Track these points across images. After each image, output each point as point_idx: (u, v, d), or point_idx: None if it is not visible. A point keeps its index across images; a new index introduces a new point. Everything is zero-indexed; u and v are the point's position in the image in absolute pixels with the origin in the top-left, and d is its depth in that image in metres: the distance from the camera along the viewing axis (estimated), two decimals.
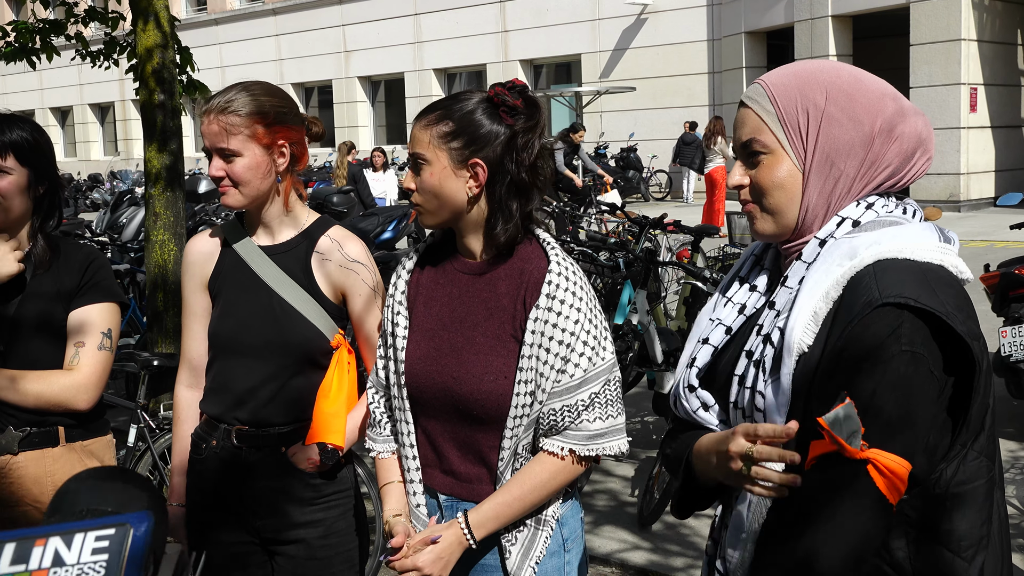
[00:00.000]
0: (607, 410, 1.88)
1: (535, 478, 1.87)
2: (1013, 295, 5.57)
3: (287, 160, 2.20)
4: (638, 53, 23.32)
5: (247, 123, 2.13)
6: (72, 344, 2.38)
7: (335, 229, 2.27)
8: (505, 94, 1.88)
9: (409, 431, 1.96)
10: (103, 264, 2.47)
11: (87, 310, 2.40)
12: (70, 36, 7.35)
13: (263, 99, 2.16)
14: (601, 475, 5.09)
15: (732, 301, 1.60)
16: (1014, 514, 4.45)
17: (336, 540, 2.25)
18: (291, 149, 2.21)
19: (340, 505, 2.26)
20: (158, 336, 5.78)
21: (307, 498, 2.22)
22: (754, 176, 1.49)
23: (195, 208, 10.14)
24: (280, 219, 2.24)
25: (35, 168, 2.35)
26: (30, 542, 1.54)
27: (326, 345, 2.20)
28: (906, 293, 1.31)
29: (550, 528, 1.93)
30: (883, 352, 1.30)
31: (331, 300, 2.21)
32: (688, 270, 5.81)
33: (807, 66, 1.49)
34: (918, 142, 1.46)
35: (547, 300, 1.84)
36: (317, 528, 2.22)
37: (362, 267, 2.22)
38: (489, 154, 1.87)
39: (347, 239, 2.25)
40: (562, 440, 1.87)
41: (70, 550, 1.54)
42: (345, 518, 2.27)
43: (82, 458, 2.42)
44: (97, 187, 26.69)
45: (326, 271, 2.21)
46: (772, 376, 1.41)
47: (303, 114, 2.28)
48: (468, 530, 1.87)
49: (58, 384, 2.35)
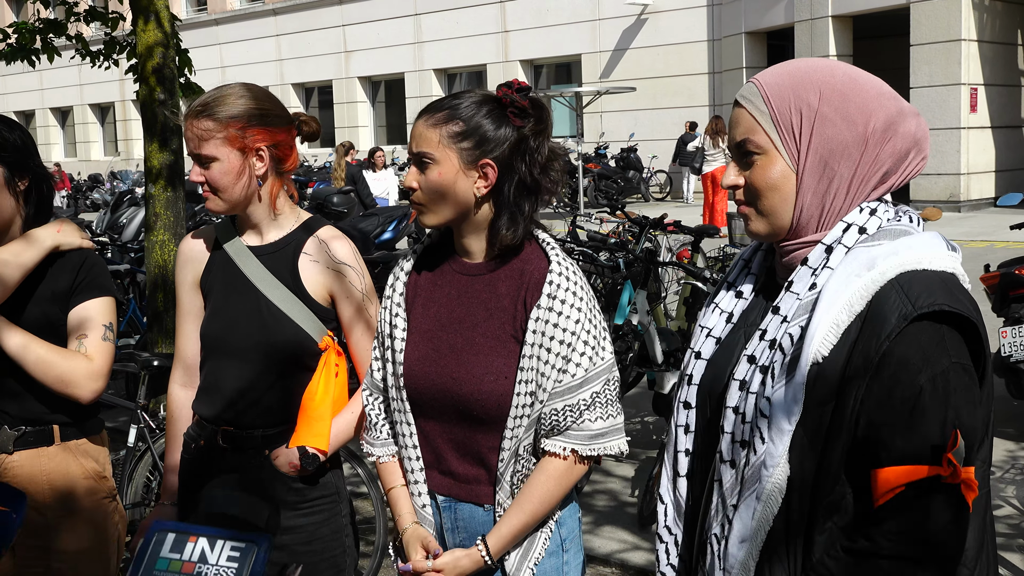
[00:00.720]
0: (607, 409, 1.88)
1: (544, 491, 1.88)
2: (1013, 295, 5.58)
3: (266, 163, 2.16)
4: (638, 53, 23.32)
5: (220, 127, 2.11)
6: (75, 338, 2.36)
7: (324, 229, 2.23)
8: (513, 95, 1.87)
9: (411, 432, 1.95)
10: (96, 261, 2.45)
11: (86, 306, 2.38)
12: (70, 36, 7.35)
13: (238, 102, 2.13)
14: (601, 475, 5.09)
15: (720, 308, 1.61)
16: (1014, 514, 4.45)
17: (320, 546, 2.21)
18: (271, 151, 2.17)
19: (324, 510, 2.22)
20: (158, 336, 5.78)
21: (290, 502, 2.19)
22: (748, 177, 1.49)
23: (195, 208, 10.14)
24: (268, 220, 2.22)
25: (9, 164, 2.31)
26: (185, 537, 1.99)
27: (314, 347, 2.17)
28: (938, 301, 1.33)
29: (549, 529, 1.93)
30: (936, 366, 1.32)
31: (319, 302, 2.19)
32: (688, 270, 5.81)
33: (802, 65, 1.49)
34: (912, 142, 1.45)
35: (548, 300, 1.84)
36: (300, 534, 2.20)
37: (349, 269, 2.19)
38: (499, 155, 1.86)
39: (335, 240, 2.22)
40: (564, 440, 1.87)
41: (212, 551, 1.96)
42: (329, 524, 2.23)
43: (77, 457, 2.41)
44: (97, 187, 26.71)
45: (313, 272, 2.19)
46: (780, 382, 1.40)
47: (292, 114, 2.25)
48: (488, 555, 1.88)
49: (71, 362, 2.32)
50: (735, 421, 1.47)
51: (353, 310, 2.20)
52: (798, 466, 1.38)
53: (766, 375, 1.43)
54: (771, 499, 1.40)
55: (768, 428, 1.40)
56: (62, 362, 2.30)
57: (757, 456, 1.41)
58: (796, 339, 1.41)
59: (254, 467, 2.20)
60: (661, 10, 22.79)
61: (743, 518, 1.44)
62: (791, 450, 1.38)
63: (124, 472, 4.14)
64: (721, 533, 1.49)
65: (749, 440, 1.44)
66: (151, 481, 4.21)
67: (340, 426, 2.20)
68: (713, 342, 1.58)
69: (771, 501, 1.40)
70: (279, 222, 2.23)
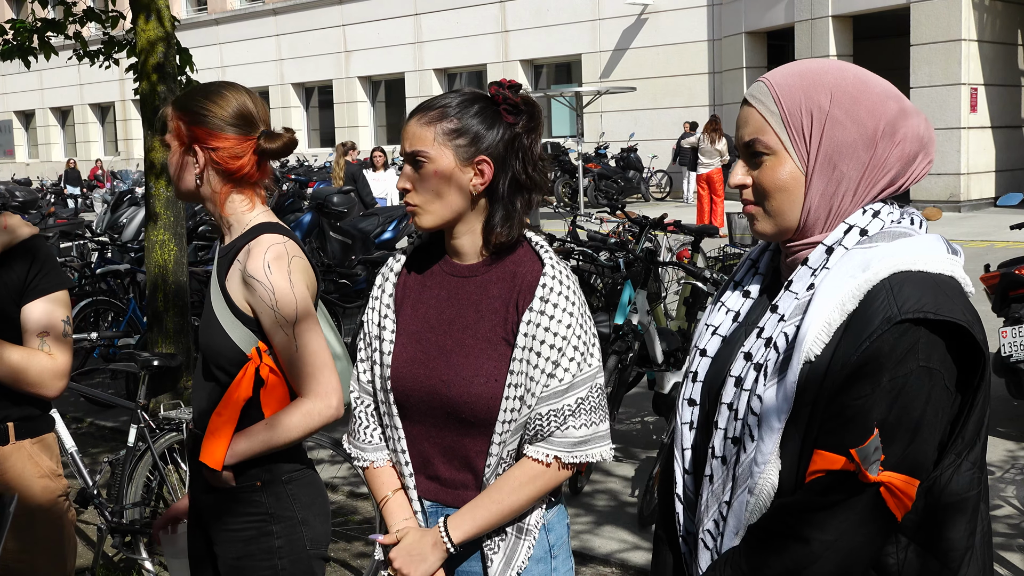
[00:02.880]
0: (591, 416, 1.85)
1: (514, 481, 1.85)
2: (1013, 295, 5.58)
3: (200, 165, 2.17)
4: (638, 53, 23.33)
5: (172, 117, 2.19)
6: (35, 335, 2.37)
7: (257, 240, 2.15)
8: (506, 92, 1.87)
9: (400, 436, 1.92)
10: (48, 253, 2.45)
11: (44, 301, 2.39)
12: (68, 35, 7.35)
13: (194, 99, 2.17)
14: (601, 475, 5.09)
15: (727, 307, 1.61)
16: (1014, 514, 4.45)
17: (249, 563, 2.17)
18: (209, 154, 2.15)
19: (252, 528, 2.17)
20: (158, 336, 5.78)
21: (220, 514, 2.20)
22: (756, 177, 1.49)
23: (195, 208, 10.12)
24: (224, 222, 2.23)
25: None
26: None
27: (242, 356, 2.12)
28: (925, 307, 1.32)
29: (532, 537, 1.90)
30: (901, 368, 1.31)
31: (243, 311, 2.13)
32: (688, 270, 5.81)
33: (812, 66, 1.48)
34: (920, 145, 1.45)
35: (540, 303, 1.82)
36: (231, 547, 2.19)
37: (258, 283, 2.09)
38: (494, 152, 1.85)
39: (254, 251, 2.12)
40: (547, 447, 1.84)
41: None
42: (258, 543, 2.17)
43: (31, 455, 2.41)
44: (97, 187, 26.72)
45: (235, 282, 2.14)
46: (773, 380, 1.41)
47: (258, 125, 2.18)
48: (444, 530, 1.85)
49: (39, 363, 2.35)
50: (728, 417, 1.48)
51: (268, 324, 2.11)
52: (789, 463, 1.39)
53: (760, 373, 1.43)
54: (762, 493, 1.40)
55: (759, 426, 1.41)
56: (32, 365, 2.34)
57: (747, 454, 1.42)
58: (791, 338, 1.41)
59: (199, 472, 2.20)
60: (661, 10, 22.80)
61: (736, 513, 1.45)
62: (783, 446, 1.39)
63: (124, 472, 4.14)
64: (716, 529, 1.49)
65: (740, 437, 1.44)
66: (151, 481, 4.21)
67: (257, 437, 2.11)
68: (719, 340, 1.58)
69: (763, 495, 1.40)
70: (234, 227, 2.22)
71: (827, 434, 1.35)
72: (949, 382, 1.33)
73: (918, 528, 1.38)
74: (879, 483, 1.31)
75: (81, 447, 4.46)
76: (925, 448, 1.33)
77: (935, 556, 1.39)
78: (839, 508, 1.33)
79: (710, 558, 1.50)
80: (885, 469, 1.31)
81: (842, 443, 1.33)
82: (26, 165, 38.97)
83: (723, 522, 1.48)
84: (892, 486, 1.31)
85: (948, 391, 1.33)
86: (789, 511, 1.37)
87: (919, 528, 1.38)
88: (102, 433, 6.34)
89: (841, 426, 1.33)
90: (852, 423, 1.32)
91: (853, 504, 1.32)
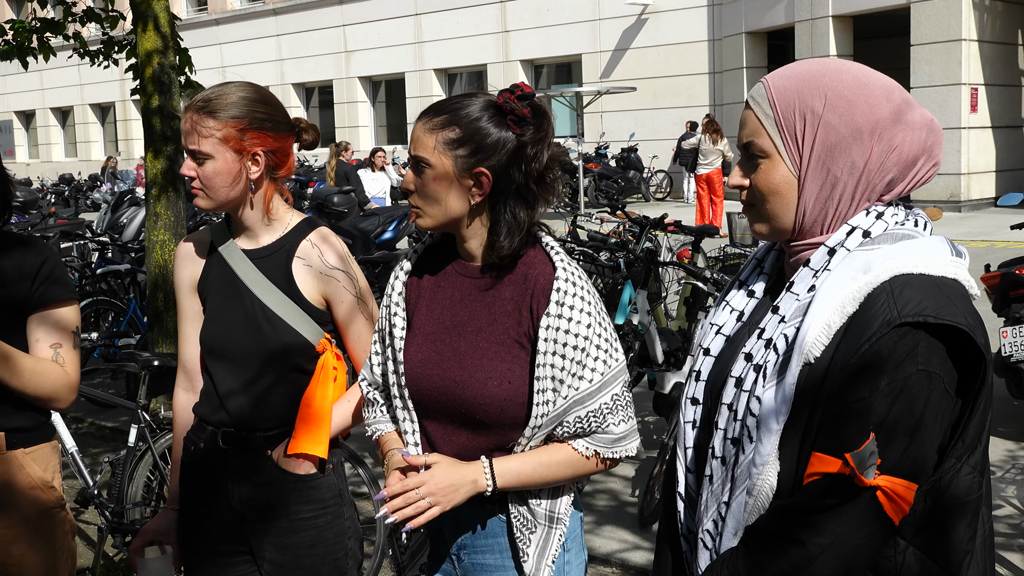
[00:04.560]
0: (627, 412, 1.90)
1: (558, 456, 1.87)
2: (1013, 295, 5.58)
3: (261, 168, 2.14)
4: (639, 53, 23.33)
5: (220, 126, 2.07)
6: (48, 345, 2.33)
7: (316, 233, 2.22)
8: (514, 102, 1.85)
9: (414, 429, 1.95)
10: (57, 261, 2.40)
11: (56, 311, 2.35)
12: (68, 36, 7.35)
13: (242, 104, 2.10)
14: (601, 475, 5.08)
15: (731, 306, 1.61)
16: (1014, 514, 4.45)
17: (323, 549, 2.20)
18: (267, 158, 2.14)
19: (328, 513, 2.22)
20: (158, 336, 5.78)
21: (292, 505, 2.18)
22: (752, 179, 1.49)
23: (195, 208, 10.12)
24: (261, 224, 2.21)
25: None
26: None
27: (311, 350, 2.16)
28: (925, 310, 1.30)
29: (563, 526, 1.93)
30: (900, 371, 1.30)
31: (314, 304, 2.18)
32: (689, 270, 5.81)
33: (811, 68, 1.47)
34: (922, 149, 1.44)
35: (557, 307, 1.83)
36: (304, 535, 2.19)
37: (342, 274, 2.18)
38: (495, 163, 1.85)
39: (327, 244, 2.20)
40: (588, 442, 1.88)
41: None
42: (332, 527, 2.22)
43: (23, 466, 2.35)
44: (97, 187, 26.71)
45: (307, 276, 2.17)
46: (772, 382, 1.40)
47: (293, 120, 2.22)
48: (490, 468, 1.83)
49: (54, 374, 2.31)
50: (728, 418, 1.47)
51: (347, 312, 2.19)
52: (788, 465, 1.39)
53: (759, 374, 1.43)
54: (761, 495, 1.40)
55: (757, 427, 1.41)
56: (47, 378, 2.30)
57: (746, 455, 1.42)
58: (790, 340, 1.41)
59: (257, 469, 2.19)
60: (661, 10, 22.80)
61: (735, 513, 1.45)
62: (782, 448, 1.38)
63: (124, 472, 4.14)
64: (715, 529, 1.49)
65: (739, 438, 1.44)
66: (151, 481, 4.22)
67: (338, 415, 2.19)
68: (723, 339, 1.58)
69: (761, 496, 1.40)
70: (273, 226, 2.22)
71: (825, 436, 1.34)
72: (949, 386, 1.32)
73: (917, 531, 1.37)
74: (875, 487, 1.30)
75: (81, 447, 4.47)
76: (923, 451, 1.32)
77: (934, 560, 1.38)
78: (835, 511, 1.32)
79: (709, 558, 1.50)
80: (882, 472, 1.30)
81: (839, 446, 1.32)
82: (26, 165, 38.96)
83: (722, 522, 1.47)
84: (889, 490, 1.30)
85: (948, 395, 1.32)
86: (786, 513, 1.37)
87: (918, 531, 1.37)
88: (102, 433, 6.35)
89: (839, 429, 1.33)
90: (850, 426, 1.32)
91: (849, 508, 1.32)
